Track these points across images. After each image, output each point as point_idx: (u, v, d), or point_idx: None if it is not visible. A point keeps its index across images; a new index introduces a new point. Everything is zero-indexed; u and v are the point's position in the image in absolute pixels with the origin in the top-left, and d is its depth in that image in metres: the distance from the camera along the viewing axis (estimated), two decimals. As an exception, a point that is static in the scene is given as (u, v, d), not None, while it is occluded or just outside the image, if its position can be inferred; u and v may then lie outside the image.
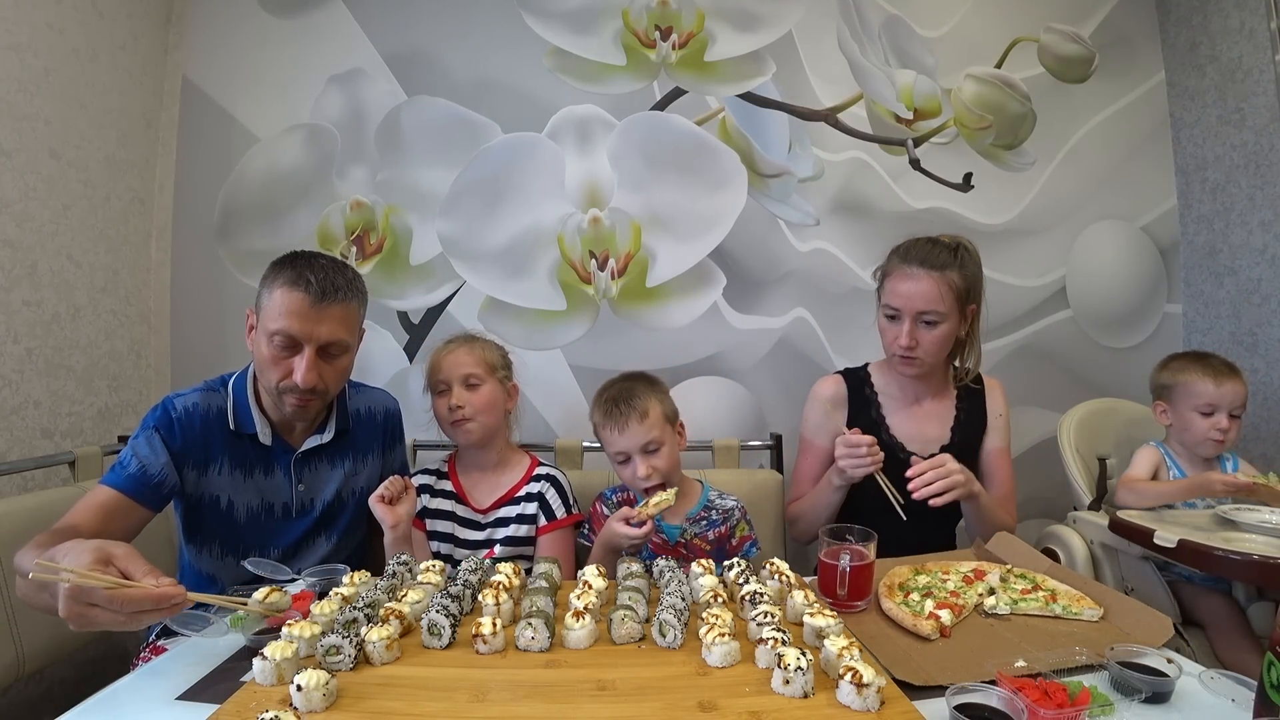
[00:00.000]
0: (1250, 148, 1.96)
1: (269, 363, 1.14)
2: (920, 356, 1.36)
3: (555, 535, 1.37)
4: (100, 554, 0.78)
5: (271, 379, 1.14)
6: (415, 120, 2.00)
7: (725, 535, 1.35)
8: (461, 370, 1.36)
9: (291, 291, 1.11)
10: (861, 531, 1.00)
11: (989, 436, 1.47)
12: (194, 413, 1.17)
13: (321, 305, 1.12)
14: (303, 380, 1.12)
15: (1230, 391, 1.51)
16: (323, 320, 1.13)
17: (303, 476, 1.25)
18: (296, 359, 1.13)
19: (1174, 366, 1.59)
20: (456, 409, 1.34)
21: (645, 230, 1.98)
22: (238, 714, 0.70)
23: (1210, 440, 1.52)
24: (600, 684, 0.76)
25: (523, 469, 1.42)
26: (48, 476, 1.59)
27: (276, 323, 1.11)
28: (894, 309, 1.36)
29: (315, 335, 1.12)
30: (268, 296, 1.14)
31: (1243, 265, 2.00)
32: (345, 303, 1.16)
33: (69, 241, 1.70)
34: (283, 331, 1.11)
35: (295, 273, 1.13)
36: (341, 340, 1.16)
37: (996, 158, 2.13)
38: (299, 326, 1.11)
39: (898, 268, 1.36)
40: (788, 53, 2.06)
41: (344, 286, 1.15)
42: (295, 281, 1.12)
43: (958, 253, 1.35)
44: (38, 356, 1.61)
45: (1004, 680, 0.70)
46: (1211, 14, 2.05)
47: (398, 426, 1.43)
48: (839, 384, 1.50)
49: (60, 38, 1.66)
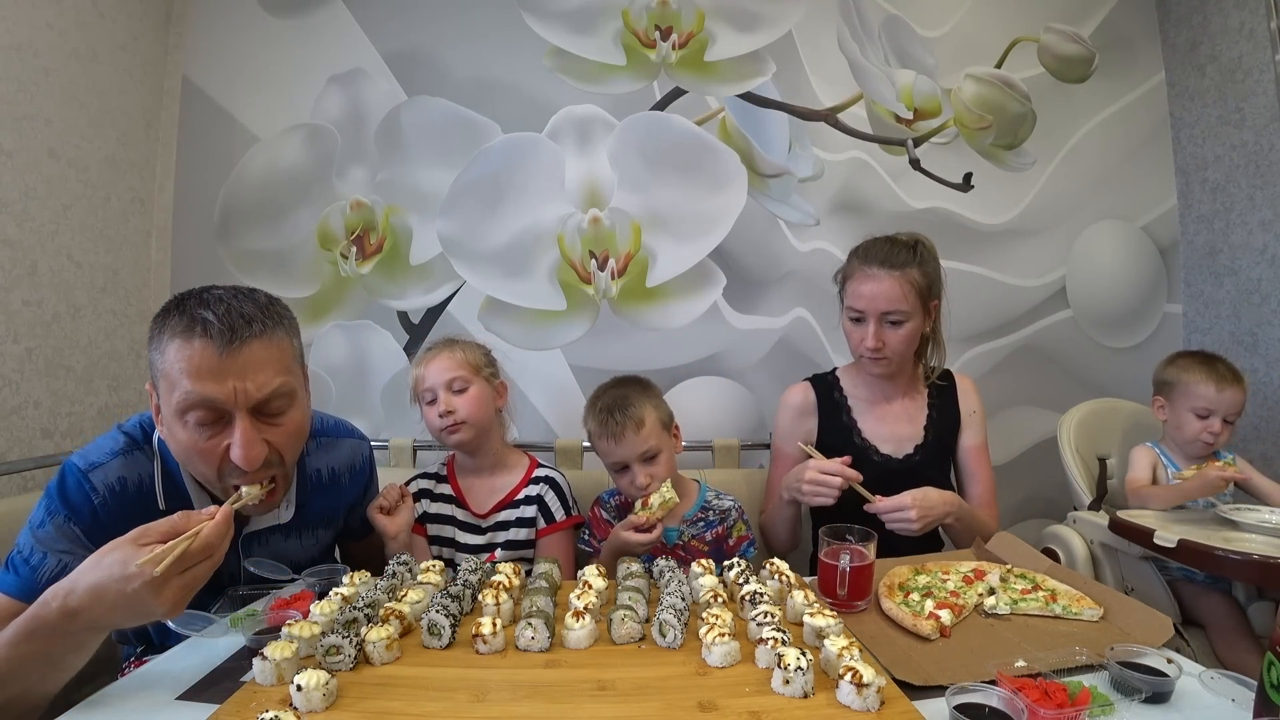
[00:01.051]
0: (1250, 148, 1.96)
1: (193, 452, 0.84)
2: (888, 356, 1.35)
3: (555, 538, 1.36)
4: (141, 537, 0.71)
5: (207, 472, 0.86)
6: (415, 120, 2.00)
7: (723, 535, 1.35)
8: (445, 375, 1.34)
9: (188, 343, 0.81)
10: (861, 531, 1.00)
11: (964, 434, 1.46)
12: (118, 492, 0.90)
13: (233, 349, 0.82)
14: (245, 460, 0.83)
15: (1230, 398, 1.52)
16: (244, 369, 0.83)
17: (252, 552, 1.04)
18: (229, 432, 0.84)
19: (1180, 364, 1.59)
20: (447, 414, 1.31)
21: (645, 230, 1.98)
22: (238, 714, 0.70)
23: (1201, 441, 1.55)
24: (600, 684, 0.76)
25: (521, 470, 1.41)
26: (48, 476, 1.59)
27: (179, 391, 0.81)
28: (858, 311, 1.35)
29: (241, 393, 0.83)
30: (160, 359, 0.83)
31: (1243, 265, 2.00)
32: (265, 337, 0.86)
33: (69, 241, 1.70)
34: (194, 400, 0.81)
35: (186, 318, 0.83)
36: (278, 387, 0.86)
37: (996, 158, 2.13)
38: (213, 388, 0.81)
39: (858, 269, 1.35)
40: (788, 53, 2.06)
41: (257, 316, 0.85)
42: (189, 328, 0.82)
43: (916, 250, 1.35)
44: (38, 356, 1.60)
45: (1004, 680, 0.70)
46: (1211, 14, 2.05)
47: (369, 478, 1.23)
48: (807, 391, 1.48)
49: (60, 38, 1.66)
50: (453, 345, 1.39)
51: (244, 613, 0.94)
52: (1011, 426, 2.11)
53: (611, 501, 1.40)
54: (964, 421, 1.46)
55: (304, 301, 1.98)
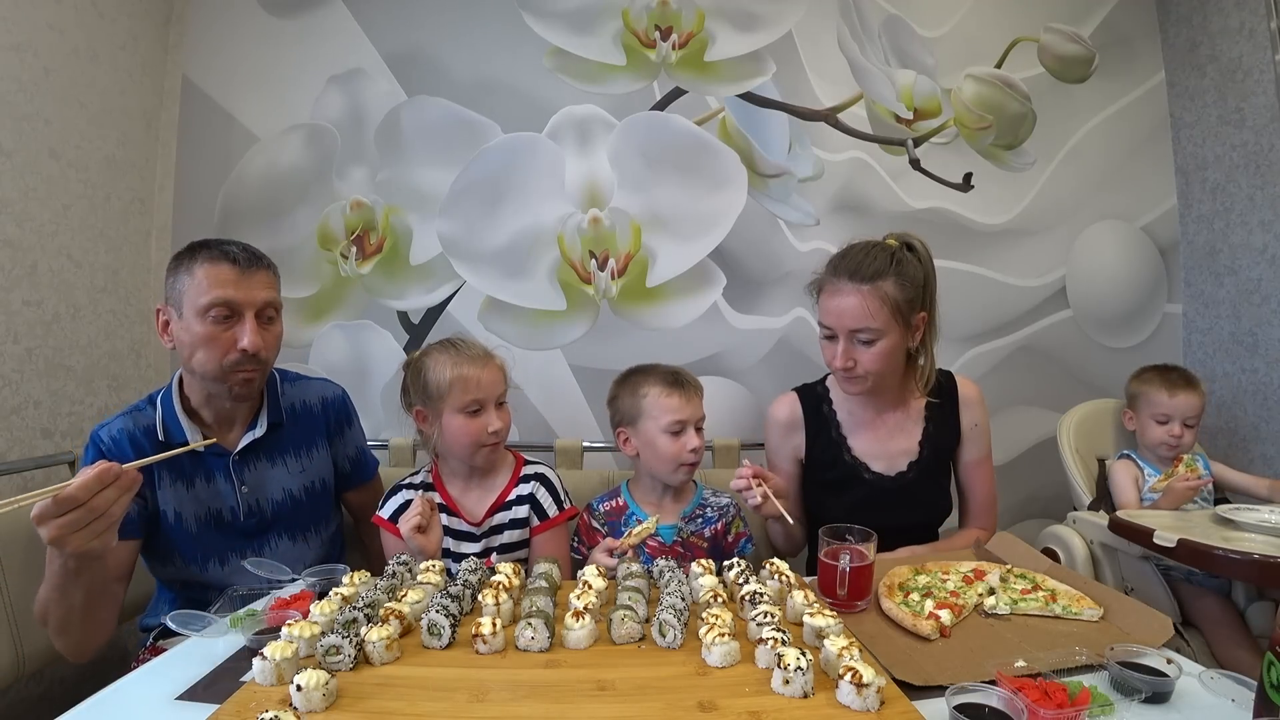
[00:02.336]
0: (1250, 148, 1.96)
1: (206, 341, 1.12)
2: (860, 375, 1.25)
3: (550, 534, 1.33)
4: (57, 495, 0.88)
5: (214, 358, 1.13)
6: (415, 120, 2.00)
7: (721, 532, 1.35)
8: (497, 390, 1.27)
9: (217, 264, 1.13)
10: (861, 531, 1.00)
11: (965, 448, 1.37)
12: (120, 438, 1.17)
13: (250, 271, 1.16)
14: (250, 344, 1.12)
15: (1183, 403, 1.63)
16: (254, 285, 1.16)
17: (244, 479, 1.23)
18: (238, 328, 1.13)
19: (1141, 377, 1.73)
20: (494, 434, 1.25)
21: (645, 230, 1.98)
22: (238, 714, 0.70)
23: (1165, 444, 1.64)
24: (600, 684, 0.76)
25: (509, 469, 1.36)
26: (48, 476, 1.59)
27: (208, 295, 1.11)
28: (827, 328, 1.26)
29: (252, 299, 1.15)
30: (189, 279, 1.13)
31: (1243, 265, 2.00)
32: (268, 269, 1.20)
33: (69, 241, 1.70)
34: (219, 301, 1.11)
35: (214, 250, 1.15)
36: (274, 301, 1.20)
37: (996, 158, 2.13)
38: (234, 293, 1.13)
39: (829, 282, 1.26)
40: (788, 53, 2.06)
41: (263, 256, 1.20)
42: (218, 256, 1.14)
43: (894, 259, 1.23)
44: (38, 356, 1.60)
45: (1004, 680, 0.71)
46: (1211, 14, 2.04)
47: (342, 411, 1.39)
48: (794, 405, 1.41)
49: (60, 38, 1.66)
50: (488, 353, 1.30)
51: (244, 613, 0.94)
52: (1011, 426, 2.11)
53: (601, 509, 1.39)
54: (965, 435, 1.37)
55: (304, 301, 1.98)
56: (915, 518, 1.36)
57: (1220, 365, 2.06)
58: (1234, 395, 2.01)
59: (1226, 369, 2.04)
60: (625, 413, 1.36)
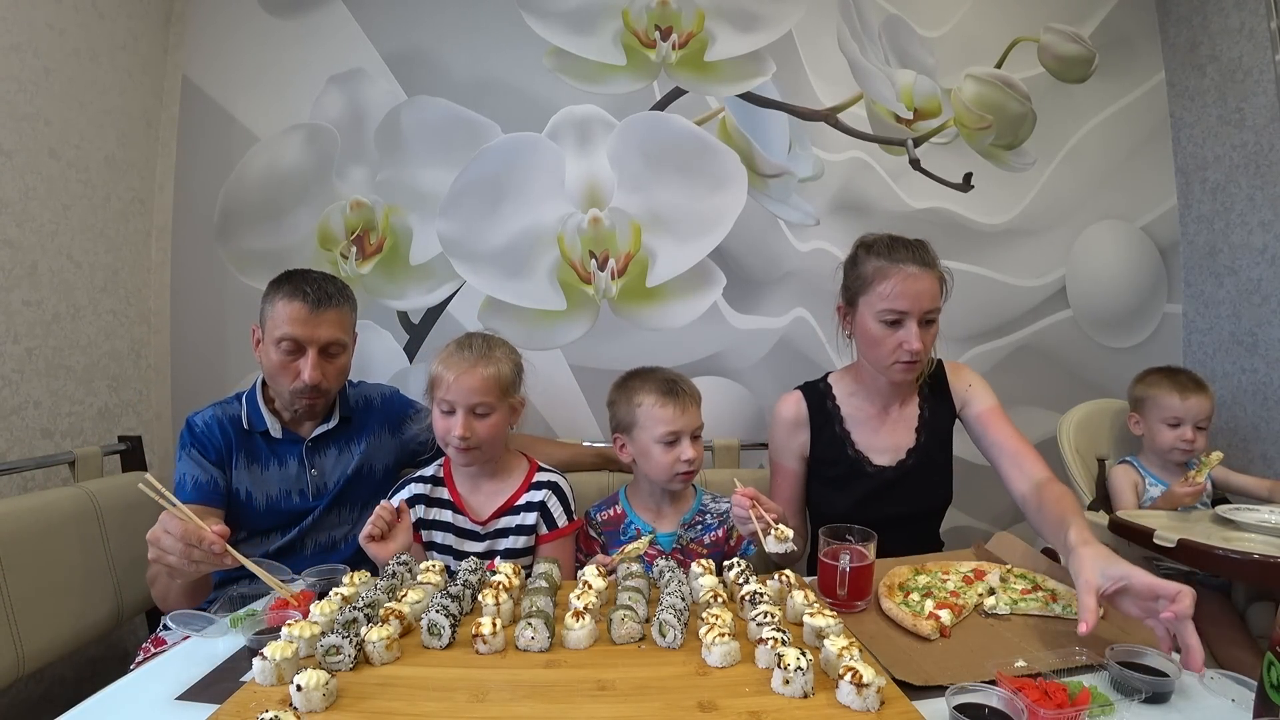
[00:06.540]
0: (1250, 148, 1.96)
1: (278, 369, 1.29)
2: (921, 359, 1.26)
3: (556, 544, 1.32)
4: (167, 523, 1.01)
5: (283, 384, 1.30)
6: (415, 120, 2.00)
7: (723, 538, 1.34)
8: (472, 399, 1.22)
9: (291, 302, 1.28)
10: (861, 531, 1.00)
11: (968, 409, 1.37)
12: (212, 423, 1.33)
13: (319, 311, 1.28)
14: (309, 377, 1.27)
15: (1195, 405, 1.60)
16: (321, 324, 1.29)
17: (314, 463, 1.38)
18: (301, 361, 1.28)
19: (1147, 380, 1.69)
20: (462, 439, 1.23)
21: (645, 230, 1.98)
22: (238, 714, 0.70)
23: (1178, 449, 1.61)
24: (600, 684, 0.76)
25: (521, 474, 1.35)
26: (48, 476, 1.59)
27: (280, 330, 1.27)
28: (899, 312, 1.23)
29: (316, 338, 1.28)
30: (270, 310, 1.30)
31: (1243, 265, 2.00)
32: (339, 308, 1.32)
33: (69, 241, 1.70)
34: (287, 337, 1.27)
35: (293, 286, 1.29)
36: (339, 340, 1.32)
37: (996, 158, 2.13)
38: (301, 331, 1.27)
39: (894, 269, 1.24)
40: (788, 53, 2.06)
41: (336, 294, 1.32)
42: (294, 293, 1.28)
43: None
44: (38, 356, 1.60)
45: (1004, 680, 0.71)
46: (1211, 14, 2.04)
47: (400, 404, 1.53)
48: (799, 403, 1.41)
49: (60, 38, 1.66)
50: (488, 358, 1.26)
51: (244, 613, 0.94)
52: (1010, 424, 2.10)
53: (599, 518, 1.39)
54: (961, 400, 1.38)
55: (304, 301, 1.98)
56: (918, 506, 1.37)
57: (1220, 365, 2.06)
58: (1234, 395, 2.01)
59: (1226, 369, 2.04)
60: (621, 420, 1.35)
